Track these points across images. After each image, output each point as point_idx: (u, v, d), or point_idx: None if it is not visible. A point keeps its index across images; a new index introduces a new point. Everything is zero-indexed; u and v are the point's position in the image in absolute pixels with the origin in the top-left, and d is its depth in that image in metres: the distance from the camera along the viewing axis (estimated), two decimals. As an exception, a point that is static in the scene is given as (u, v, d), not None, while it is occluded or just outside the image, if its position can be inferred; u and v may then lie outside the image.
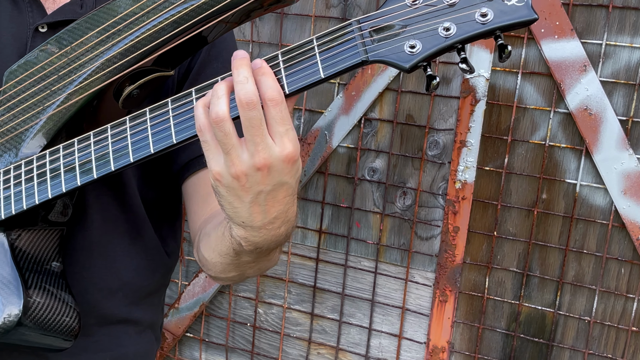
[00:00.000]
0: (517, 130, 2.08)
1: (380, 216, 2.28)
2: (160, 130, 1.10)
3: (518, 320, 2.19)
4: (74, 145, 1.18)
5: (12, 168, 1.24)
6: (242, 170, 0.99)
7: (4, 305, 1.18)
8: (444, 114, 2.14)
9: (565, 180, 2.06)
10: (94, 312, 1.42)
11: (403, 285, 2.30)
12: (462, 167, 2.11)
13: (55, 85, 1.22)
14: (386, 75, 2.14)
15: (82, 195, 1.36)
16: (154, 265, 1.50)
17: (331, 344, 2.44)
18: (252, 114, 0.97)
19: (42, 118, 1.23)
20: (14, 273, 1.21)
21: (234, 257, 1.17)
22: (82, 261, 1.40)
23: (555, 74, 1.98)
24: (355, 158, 2.27)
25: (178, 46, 1.16)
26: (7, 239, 1.24)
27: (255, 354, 2.57)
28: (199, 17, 1.10)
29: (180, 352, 2.70)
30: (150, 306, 1.54)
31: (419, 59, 0.94)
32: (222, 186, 1.02)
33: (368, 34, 0.97)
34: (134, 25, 1.15)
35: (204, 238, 1.28)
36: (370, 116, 2.23)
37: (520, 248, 2.14)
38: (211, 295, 2.54)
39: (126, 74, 1.17)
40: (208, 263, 1.27)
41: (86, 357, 1.44)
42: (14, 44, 1.34)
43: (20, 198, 1.22)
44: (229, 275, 1.26)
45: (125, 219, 1.43)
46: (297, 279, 2.45)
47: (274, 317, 2.51)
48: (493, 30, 0.91)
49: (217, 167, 1.01)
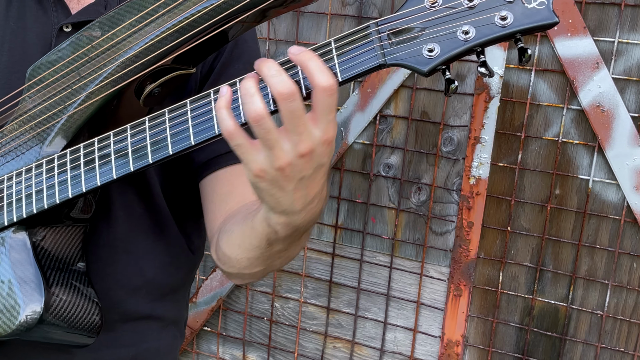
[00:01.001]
0: (531, 127, 2.12)
1: (396, 211, 2.32)
2: (179, 132, 1.10)
3: (531, 314, 2.22)
4: (94, 144, 1.19)
5: (34, 166, 1.25)
6: (286, 161, 0.98)
7: (25, 304, 1.19)
8: (459, 111, 2.18)
9: (578, 176, 2.09)
10: (117, 308, 1.42)
11: (418, 279, 2.34)
12: (476, 163, 2.15)
13: (77, 84, 1.23)
14: (401, 72, 2.18)
15: (106, 192, 1.37)
16: (177, 262, 1.50)
17: (347, 337, 2.48)
18: (293, 105, 0.95)
19: (63, 117, 1.24)
20: (36, 271, 1.22)
21: (266, 248, 1.16)
22: (106, 258, 1.41)
23: (568, 71, 2.02)
24: (370, 154, 2.31)
25: (198, 45, 1.15)
26: (29, 237, 1.25)
27: (272, 348, 2.61)
28: (219, 16, 1.10)
29: (198, 346, 2.75)
30: (173, 302, 1.55)
31: (437, 63, 0.93)
32: (265, 181, 1.01)
33: (386, 36, 0.96)
34: (154, 24, 1.16)
35: (225, 235, 1.27)
36: (386, 113, 2.27)
37: (533, 243, 2.18)
38: (228, 289, 2.59)
39: (147, 73, 1.17)
40: (231, 260, 1.26)
41: (110, 352, 1.45)
42: (39, 43, 1.36)
43: (42, 197, 1.22)
44: (253, 271, 1.25)
45: (149, 216, 1.43)
46: (313, 274, 2.49)
47: (291, 312, 2.56)
48: (513, 34, 0.90)
49: (257, 165, 1.00)
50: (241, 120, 1.02)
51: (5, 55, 1.37)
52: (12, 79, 1.33)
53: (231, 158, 1.36)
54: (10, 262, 1.23)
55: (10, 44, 1.37)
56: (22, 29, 1.37)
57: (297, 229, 1.09)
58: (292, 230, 1.09)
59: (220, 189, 1.37)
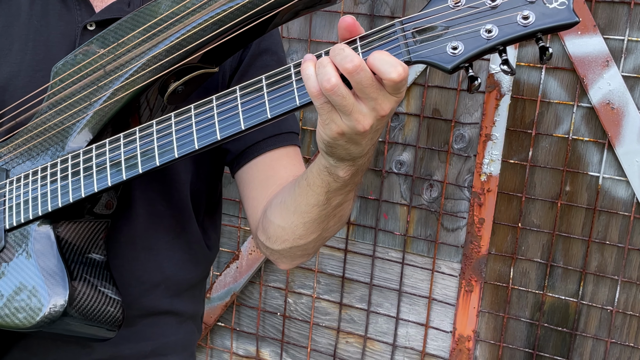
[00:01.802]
0: (541, 124, 2.15)
1: (408, 208, 2.35)
2: (204, 127, 1.13)
3: (542, 309, 2.25)
4: (120, 140, 1.21)
5: (59, 162, 1.27)
6: (369, 123, 1.01)
7: (49, 296, 1.20)
8: (470, 108, 2.21)
9: (588, 173, 2.12)
10: (136, 304, 1.45)
11: (430, 275, 2.37)
12: (487, 160, 2.19)
13: (102, 81, 1.25)
14: (413, 70, 2.21)
15: (128, 190, 1.39)
16: (195, 258, 1.53)
17: (359, 332, 2.51)
18: (363, 76, 0.97)
19: (89, 113, 1.26)
20: (60, 264, 1.23)
21: (324, 204, 1.19)
22: (126, 254, 1.43)
23: (579, 69, 2.05)
24: (382, 151, 2.34)
25: (222, 44, 1.18)
26: (53, 231, 1.27)
27: (285, 343, 2.64)
28: (243, 16, 1.13)
29: (212, 340, 2.78)
30: (191, 298, 1.57)
31: (461, 60, 0.95)
32: (343, 139, 1.04)
33: (411, 34, 0.98)
34: (178, 23, 1.19)
35: (277, 208, 1.30)
36: (398, 110, 2.30)
37: (544, 239, 2.21)
38: (242, 285, 2.62)
39: (171, 71, 1.20)
40: (285, 232, 1.28)
41: (129, 346, 1.47)
42: (63, 42, 1.38)
43: (67, 191, 1.24)
44: (308, 240, 1.28)
45: (171, 214, 1.46)
46: (326, 270, 2.52)
47: (304, 307, 2.59)
48: (534, 33, 0.92)
49: (339, 127, 1.02)
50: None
51: (29, 53, 1.39)
52: (37, 76, 1.35)
53: (268, 145, 1.40)
54: (35, 256, 1.25)
55: (34, 43, 1.39)
56: (46, 28, 1.40)
57: (360, 168, 1.13)
58: (354, 170, 1.12)
59: (260, 174, 1.40)
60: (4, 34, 1.41)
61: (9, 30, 1.41)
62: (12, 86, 1.38)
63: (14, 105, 1.34)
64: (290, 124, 1.44)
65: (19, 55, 1.39)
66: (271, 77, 1.08)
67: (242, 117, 1.10)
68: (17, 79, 1.38)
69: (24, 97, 1.33)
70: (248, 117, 1.10)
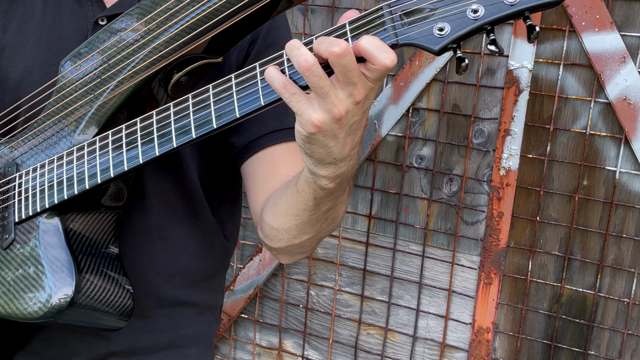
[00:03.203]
0: (559, 120, 2.19)
1: (428, 202, 2.39)
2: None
3: (560, 301, 2.29)
4: (122, 130, 1.22)
5: (65, 154, 1.28)
6: (344, 108, 1.00)
7: (57, 287, 1.22)
8: (489, 104, 2.26)
9: (605, 168, 2.16)
10: (153, 294, 1.46)
11: (449, 268, 2.42)
12: (506, 155, 2.23)
13: (106, 73, 1.26)
14: (433, 66, 2.27)
15: (141, 181, 1.40)
16: (212, 249, 1.53)
17: (380, 324, 2.56)
18: (346, 60, 0.96)
19: (95, 105, 1.27)
20: (67, 255, 1.25)
21: (313, 210, 1.19)
22: (142, 245, 1.44)
23: (596, 66, 2.09)
24: (403, 146, 2.39)
25: (223, 33, 1.19)
26: (61, 223, 1.28)
27: (307, 334, 2.68)
28: (241, 3, 1.13)
29: (235, 332, 2.82)
30: (209, 289, 1.58)
31: (448, 42, 0.94)
32: (321, 132, 1.02)
33: (398, 17, 0.97)
34: (179, 14, 1.19)
35: (270, 209, 1.30)
36: (418, 106, 2.34)
37: (562, 232, 2.25)
38: (265, 277, 2.66)
39: (173, 61, 1.20)
40: (279, 232, 1.28)
41: (146, 337, 1.49)
42: (75, 37, 1.40)
43: (72, 183, 1.26)
44: (303, 240, 1.28)
45: (184, 204, 1.46)
46: (347, 262, 2.57)
47: (326, 299, 2.63)
48: (522, 12, 0.91)
49: (316, 115, 1.01)
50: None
51: (43, 49, 1.42)
52: (50, 71, 1.37)
53: (270, 140, 1.40)
54: (43, 247, 1.28)
55: (47, 38, 1.42)
56: (59, 23, 1.43)
57: (343, 177, 1.12)
58: (338, 180, 1.12)
59: (261, 169, 1.40)
60: (18, 30, 1.45)
61: (24, 27, 1.44)
62: (26, 81, 1.41)
63: (27, 99, 1.37)
64: (292, 119, 1.38)
65: (33, 51, 1.43)
66: (264, 64, 1.08)
67: (237, 105, 1.10)
68: (31, 74, 1.41)
69: None
70: (243, 104, 1.09)
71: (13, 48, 1.44)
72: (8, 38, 1.45)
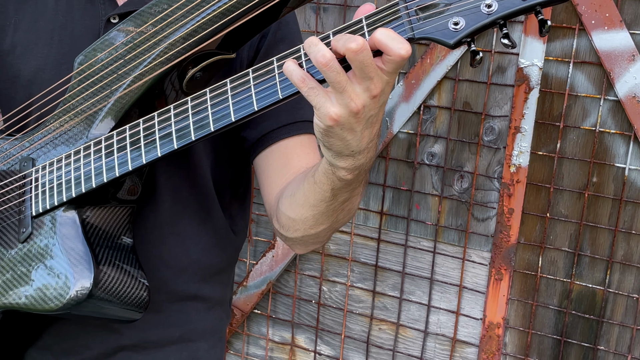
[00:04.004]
0: (569, 117, 2.21)
1: (439, 198, 2.42)
2: (219, 110, 1.15)
3: (570, 297, 2.31)
4: (140, 125, 1.25)
5: (82, 149, 1.30)
6: (361, 102, 1.02)
7: (75, 279, 1.24)
8: (499, 102, 2.27)
9: (615, 165, 2.18)
10: (164, 288, 1.48)
11: (460, 264, 2.44)
12: (517, 152, 2.25)
13: (122, 69, 1.28)
14: (444, 64, 2.29)
15: (153, 177, 1.43)
16: (222, 244, 1.56)
17: (392, 320, 2.59)
18: (363, 56, 0.99)
19: (110, 100, 1.29)
20: (85, 248, 1.27)
21: (330, 200, 1.21)
22: (153, 240, 1.46)
23: (605, 64, 2.11)
24: (414, 143, 2.41)
25: (237, 30, 1.21)
26: (78, 216, 1.30)
27: (320, 330, 2.71)
28: (255, 1, 1.16)
29: (248, 327, 2.85)
30: (219, 283, 1.60)
31: (463, 36, 0.98)
32: (338, 125, 1.05)
33: (414, 12, 1.00)
34: (195, 10, 1.21)
35: (287, 200, 1.32)
36: (429, 103, 2.36)
37: (571, 229, 2.27)
38: (278, 273, 2.69)
39: (188, 57, 1.23)
40: (296, 223, 1.30)
41: (157, 332, 1.52)
42: (87, 35, 1.42)
43: (90, 177, 1.27)
44: (319, 230, 1.29)
45: (196, 199, 1.49)
46: (359, 258, 2.59)
47: (338, 295, 2.66)
48: (533, 6, 0.94)
49: (333, 109, 1.03)
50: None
51: (55, 47, 1.44)
52: (62, 69, 1.40)
53: (283, 133, 1.43)
54: (61, 240, 1.29)
55: (59, 36, 1.44)
56: (71, 22, 1.44)
57: (361, 169, 1.14)
58: (356, 171, 1.14)
59: (275, 162, 1.42)
60: (30, 29, 1.46)
61: (36, 25, 1.46)
62: (39, 79, 1.43)
63: (39, 96, 1.39)
64: (305, 112, 1.46)
65: (45, 49, 1.44)
66: (281, 59, 1.11)
67: (255, 98, 1.12)
68: (43, 72, 1.43)
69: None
70: (260, 98, 1.12)
71: (25, 46, 1.46)
72: (19, 36, 1.47)
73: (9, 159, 1.42)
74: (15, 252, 1.36)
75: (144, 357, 1.52)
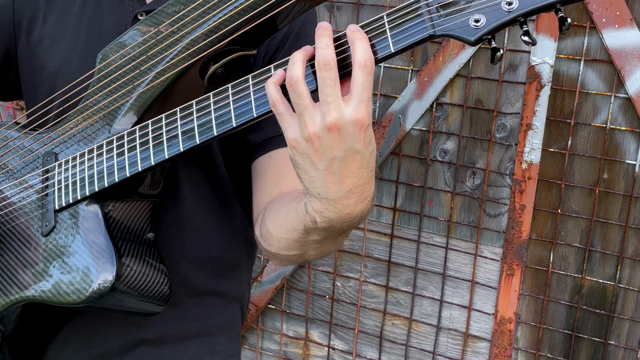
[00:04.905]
0: (580, 114, 2.23)
1: (451, 195, 2.45)
2: (242, 105, 1.16)
3: (581, 292, 2.34)
4: (162, 120, 1.25)
5: (105, 143, 1.31)
6: (314, 131, 1.03)
7: (98, 272, 1.25)
8: (511, 99, 2.30)
9: (625, 161, 2.20)
10: (183, 283, 1.49)
11: (472, 259, 2.47)
12: (528, 149, 2.27)
13: (144, 64, 1.29)
14: (456, 62, 2.32)
15: (174, 173, 1.43)
16: (241, 240, 1.57)
17: (405, 315, 2.61)
18: (327, 75, 1.01)
19: (133, 96, 1.30)
20: (108, 242, 1.27)
21: (303, 234, 1.18)
22: (173, 235, 1.47)
23: (616, 61, 2.14)
24: (427, 140, 2.44)
25: (258, 27, 1.21)
26: (101, 210, 1.31)
27: (334, 325, 2.73)
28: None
29: (262, 322, 2.88)
30: (237, 279, 1.60)
31: (484, 33, 0.98)
32: (298, 153, 1.06)
33: (435, 9, 1.01)
34: (217, 7, 1.22)
35: (272, 213, 1.30)
36: (442, 101, 2.39)
37: (582, 225, 2.30)
38: (292, 269, 2.72)
39: (210, 54, 1.23)
40: (272, 238, 1.28)
41: (176, 326, 1.52)
42: (114, 30, 1.42)
43: (113, 171, 1.28)
44: (290, 254, 1.28)
45: (215, 196, 1.49)
46: (372, 254, 2.62)
47: (351, 290, 2.68)
48: (554, 4, 0.94)
49: (292, 134, 1.05)
50: None
51: (82, 40, 1.46)
52: (88, 63, 1.40)
53: (283, 141, 1.36)
54: (84, 234, 1.30)
55: (87, 31, 1.46)
56: (99, 17, 1.46)
57: (332, 224, 1.11)
58: (327, 223, 1.11)
59: (272, 170, 1.42)
60: (58, 21, 1.48)
61: (63, 18, 1.48)
62: (64, 71, 1.45)
63: (64, 90, 1.40)
64: None
65: (72, 42, 1.46)
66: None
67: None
68: (69, 65, 1.45)
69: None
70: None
71: (52, 38, 1.48)
72: (47, 28, 1.49)
73: (32, 154, 1.43)
74: (38, 246, 1.37)
75: (163, 351, 1.53)
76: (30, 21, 1.51)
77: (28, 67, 1.52)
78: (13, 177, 1.46)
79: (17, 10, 1.53)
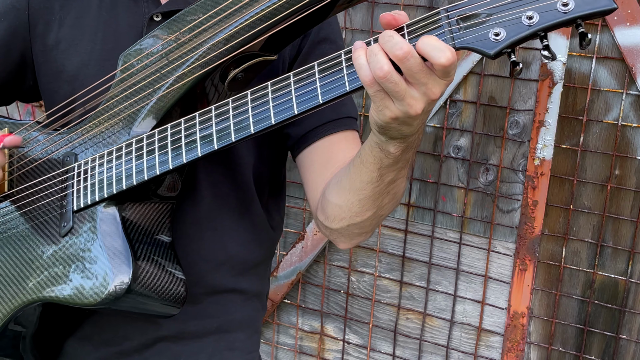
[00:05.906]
0: (592, 111, 2.26)
1: (465, 191, 2.48)
2: (260, 112, 1.16)
3: (592, 287, 2.36)
4: (181, 124, 1.25)
5: (124, 146, 1.31)
6: (420, 107, 1.04)
7: (114, 274, 1.25)
8: (524, 96, 2.33)
9: (637, 158, 2.23)
10: (202, 282, 1.50)
11: (486, 255, 2.50)
12: (541, 145, 2.30)
13: (165, 68, 1.29)
14: (470, 60, 2.35)
15: (194, 173, 1.43)
16: (260, 239, 1.58)
17: (419, 309, 2.64)
18: (411, 63, 1.00)
19: (153, 99, 1.30)
20: (125, 244, 1.27)
21: (377, 182, 1.22)
22: (192, 234, 1.48)
23: (627, 59, 2.16)
24: (441, 137, 2.47)
25: (280, 32, 1.22)
26: (118, 212, 1.31)
27: (348, 319, 2.77)
28: (301, 3, 1.17)
29: (278, 317, 2.92)
30: (256, 277, 1.61)
31: (503, 46, 0.98)
32: (396, 123, 1.07)
33: (455, 22, 1.01)
34: (238, 13, 1.22)
35: (334, 187, 1.33)
36: (455, 98, 2.42)
37: (594, 220, 2.33)
38: (307, 264, 2.75)
39: (230, 59, 1.23)
40: (341, 210, 1.31)
41: (195, 323, 1.53)
42: (130, 33, 1.44)
43: (131, 174, 1.28)
44: (364, 218, 1.30)
45: (235, 195, 1.50)
46: (387, 249, 2.65)
47: (366, 285, 2.71)
48: (574, 20, 0.94)
49: (391, 113, 1.06)
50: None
51: (99, 43, 1.46)
52: (106, 65, 1.41)
53: (327, 129, 1.44)
54: (101, 235, 1.30)
55: (103, 34, 1.47)
56: (115, 19, 1.47)
57: (410, 146, 1.16)
58: (404, 147, 1.15)
59: (319, 158, 1.44)
60: (74, 25, 1.49)
61: (80, 21, 1.49)
62: (82, 75, 1.45)
63: (83, 92, 1.40)
64: (348, 109, 1.48)
65: (89, 45, 1.46)
66: (323, 64, 1.12)
67: (295, 102, 1.13)
68: (87, 68, 1.45)
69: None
70: (301, 102, 1.13)
71: (69, 42, 1.49)
72: (64, 32, 1.50)
73: (53, 153, 1.44)
74: (56, 246, 1.37)
75: (182, 347, 1.54)
76: (45, 25, 1.52)
77: (45, 71, 1.53)
78: (33, 176, 1.47)
79: (32, 14, 1.53)
